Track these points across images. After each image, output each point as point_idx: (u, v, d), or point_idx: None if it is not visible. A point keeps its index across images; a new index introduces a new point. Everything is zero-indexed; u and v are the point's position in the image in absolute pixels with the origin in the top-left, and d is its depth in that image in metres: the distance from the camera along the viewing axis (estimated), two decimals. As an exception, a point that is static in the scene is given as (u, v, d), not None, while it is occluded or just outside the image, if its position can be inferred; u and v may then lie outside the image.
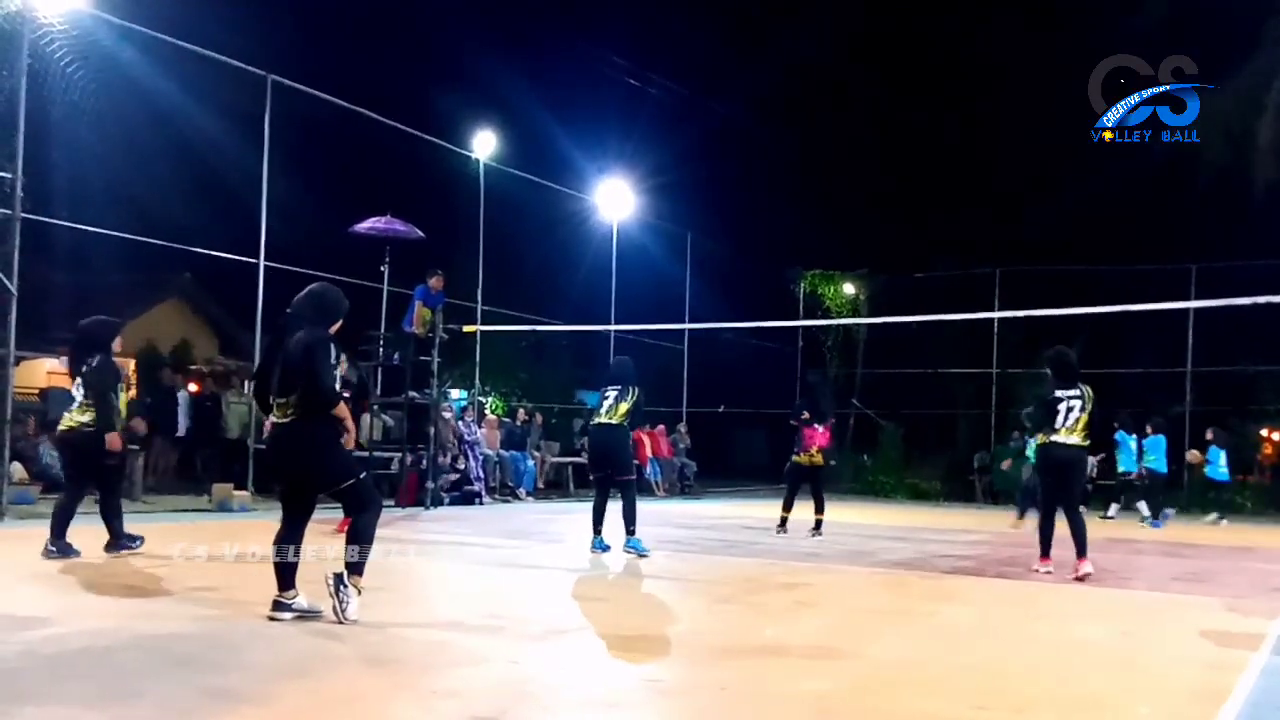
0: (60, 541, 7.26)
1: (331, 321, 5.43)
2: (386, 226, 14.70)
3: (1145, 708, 4.26)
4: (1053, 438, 8.20)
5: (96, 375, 7.37)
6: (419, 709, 3.84)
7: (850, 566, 8.98)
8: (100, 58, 11.73)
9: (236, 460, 13.33)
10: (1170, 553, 11.57)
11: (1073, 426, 8.12)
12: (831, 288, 26.56)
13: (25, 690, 3.80)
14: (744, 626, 5.91)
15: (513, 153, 18.35)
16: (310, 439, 5.23)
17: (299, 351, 5.18)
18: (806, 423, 11.39)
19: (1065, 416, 8.13)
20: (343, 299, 5.56)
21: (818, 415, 11.44)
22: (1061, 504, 8.40)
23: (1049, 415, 8.19)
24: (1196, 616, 6.82)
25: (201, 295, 24.59)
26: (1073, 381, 8.26)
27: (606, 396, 9.28)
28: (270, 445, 5.51)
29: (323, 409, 5.19)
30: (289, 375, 5.21)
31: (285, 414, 5.25)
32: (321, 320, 5.37)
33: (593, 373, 22.24)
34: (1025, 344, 22.18)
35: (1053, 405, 8.17)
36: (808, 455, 11.41)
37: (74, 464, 7.74)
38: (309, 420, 5.21)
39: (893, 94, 31.50)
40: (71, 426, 7.43)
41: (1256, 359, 21.69)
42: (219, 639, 4.85)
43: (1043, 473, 8.67)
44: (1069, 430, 8.13)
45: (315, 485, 5.39)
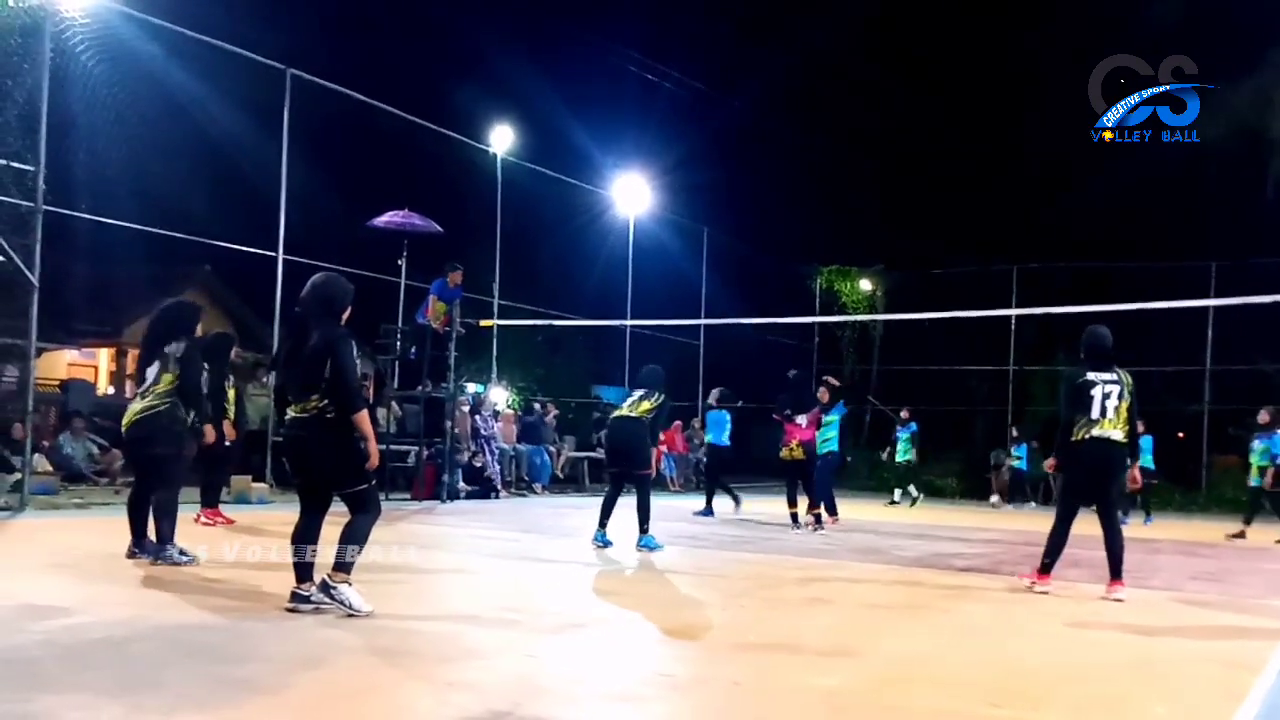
0: (143, 540, 6.98)
1: (341, 311, 5.43)
2: (404, 220, 14.76)
3: (1162, 707, 4.25)
4: (1093, 431, 7.03)
5: (187, 362, 6.90)
6: (433, 701, 3.86)
7: (864, 564, 8.97)
8: (121, 51, 11.81)
9: (255, 452, 13.40)
10: (1188, 552, 11.52)
11: (1114, 418, 7.05)
12: (848, 284, 26.53)
13: (45, 679, 3.84)
14: (757, 622, 5.91)
15: (530, 147, 18.41)
16: (329, 437, 5.24)
17: (321, 350, 5.18)
18: (788, 418, 11.64)
19: (1103, 404, 7.05)
20: (347, 286, 5.53)
21: (798, 409, 11.59)
22: (1100, 511, 7.24)
23: (1081, 402, 7.08)
24: (1214, 616, 6.80)
25: (221, 288, 24.74)
26: (1109, 366, 7.16)
27: (631, 395, 9.39)
28: (287, 441, 5.52)
29: (346, 410, 5.20)
30: (310, 374, 5.22)
31: (305, 410, 5.25)
32: (331, 312, 5.38)
33: (608, 368, 22.30)
34: (1042, 342, 22.13)
35: (1084, 389, 7.07)
36: (788, 450, 11.66)
37: (134, 457, 7.37)
38: (329, 418, 5.22)
39: (910, 90, 31.39)
40: (133, 419, 6.92)
41: (1276, 357, 21.51)
42: (236, 630, 4.88)
43: (1073, 470, 7.30)
44: (1112, 422, 7.04)
45: (329, 483, 5.41)
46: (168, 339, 6.97)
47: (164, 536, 6.80)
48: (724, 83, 31.90)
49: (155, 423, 6.84)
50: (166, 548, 6.77)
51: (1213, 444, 22.42)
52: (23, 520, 9.66)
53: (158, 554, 6.77)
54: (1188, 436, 23.14)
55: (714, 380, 17.30)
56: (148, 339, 7.10)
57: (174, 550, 6.77)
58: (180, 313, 7.30)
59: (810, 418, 11.74)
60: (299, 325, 5.40)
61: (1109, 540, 7.18)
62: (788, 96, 31.34)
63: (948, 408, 24.37)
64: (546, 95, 25.57)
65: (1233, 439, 20.23)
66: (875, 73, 30.98)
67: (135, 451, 7.27)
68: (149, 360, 6.98)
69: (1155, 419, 16.61)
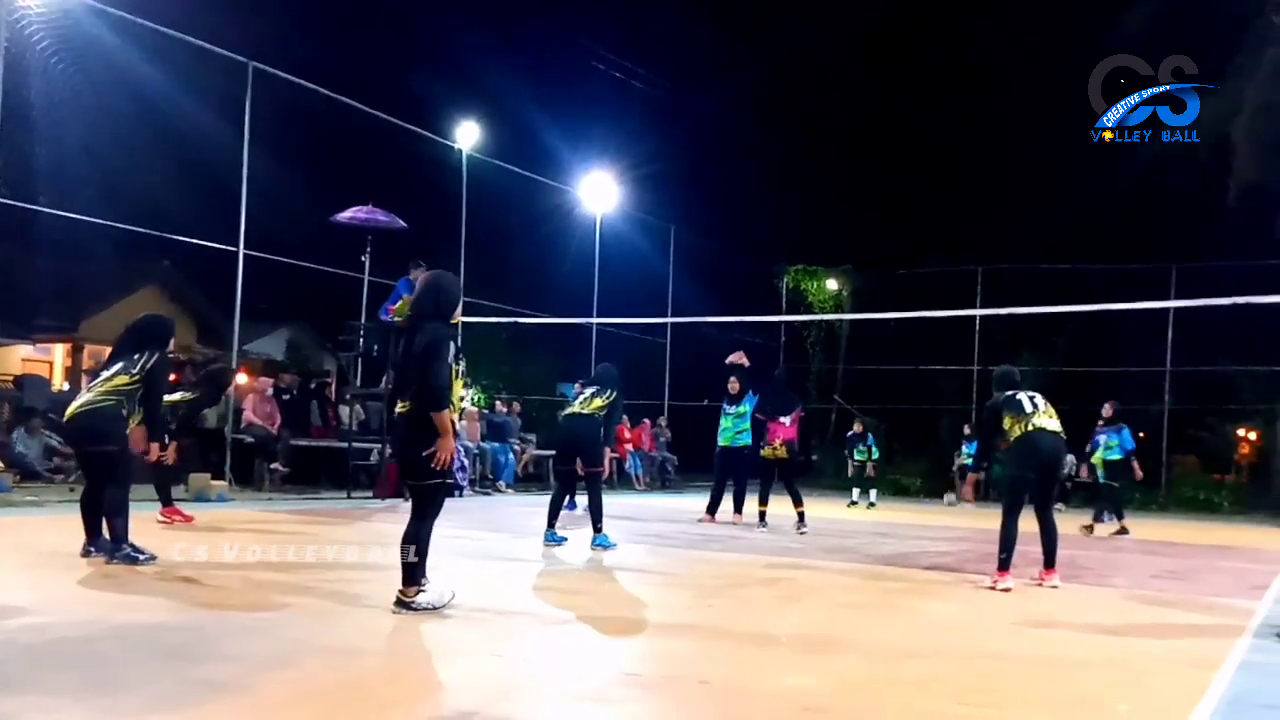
0: (98, 540, 6.87)
1: (449, 311, 5.57)
2: (368, 216, 14.61)
3: (1125, 704, 4.28)
4: (1033, 422, 7.34)
5: (156, 373, 7.03)
6: (401, 700, 3.81)
7: (832, 562, 8.99)
8: (80, 42, 11.62)
9: (214, 449, 13.24)
10: (1150, 550, 11.65)
11: (1045, 410, 7.45)
12: (815, 283, 26.63)
13: (6, 680, 3.74)
14: (726, 621, 5.89)
15: (496, 144, 18.32)
16: (418, 430, 5.32)
17: (420, 349, 5.33)
18: (770, 416, 11.66)
19: (1032, 402, 7.46)
20: (457, 286, 5.75)
21: (778, 409, 11.64)
22: (1037, 503, 7.58)
23: (1011, 407, 7.47)
24: (1176, 614, 6.88)
25: (180, 283, 24.44)
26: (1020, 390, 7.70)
27: (582, 393, 9.35)
28: (391, 436, 5.65)
29: (429, 407, 5.28)
30: (409, 372, 5.39)
31: (405, 406, 5.38)
32: (439, 312, 5.50)
33: (574, 365, 22.23)
34: (1007, 342, 22.33)
35: (1010, 400, 7.52)
36: (770, 449, 11.71)
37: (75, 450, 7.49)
38: (419, 413, 5.32)
39: (879, 90, 31.61)
40: (75, 412, 6.93)
41: (1235, 359, 21.85)
42: (201, 630, 4.80)
43: (1023, 466, 7.47)
44: (1045, 414, 7.42)
45: (407, 473, 5.51)
46: (139, 349, 7.03)
47: (118, 535, 6.70)
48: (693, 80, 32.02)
49: (94, 417, 6.82)
50: (122, 546, 6.67)
51: (1173, 444, 22.73)
52: (-24, 519, 9.47)
53: (113, 552, 6.67)
54: (1148, 437, 23.46)
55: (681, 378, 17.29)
56: (119, 347, 7.19)
57: (129, 548, 6.67)
58: (156, 326, 7.44)
59: (793, 416, 11.78)
60: (410, 326, 5.55)
61: (1045, 531, 7.56)
62: (756, 95, 31.45)
63: (913, 407, 24.55)
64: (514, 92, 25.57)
65: (1193, 439, 20.55)
66: (844, 72, 31.18)
67: (74, 444, 7.43)
68: (112, 364, 7.04)
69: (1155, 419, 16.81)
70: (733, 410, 12.44)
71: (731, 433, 12.43)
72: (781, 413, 11.70)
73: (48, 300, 21.02)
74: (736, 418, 12.44)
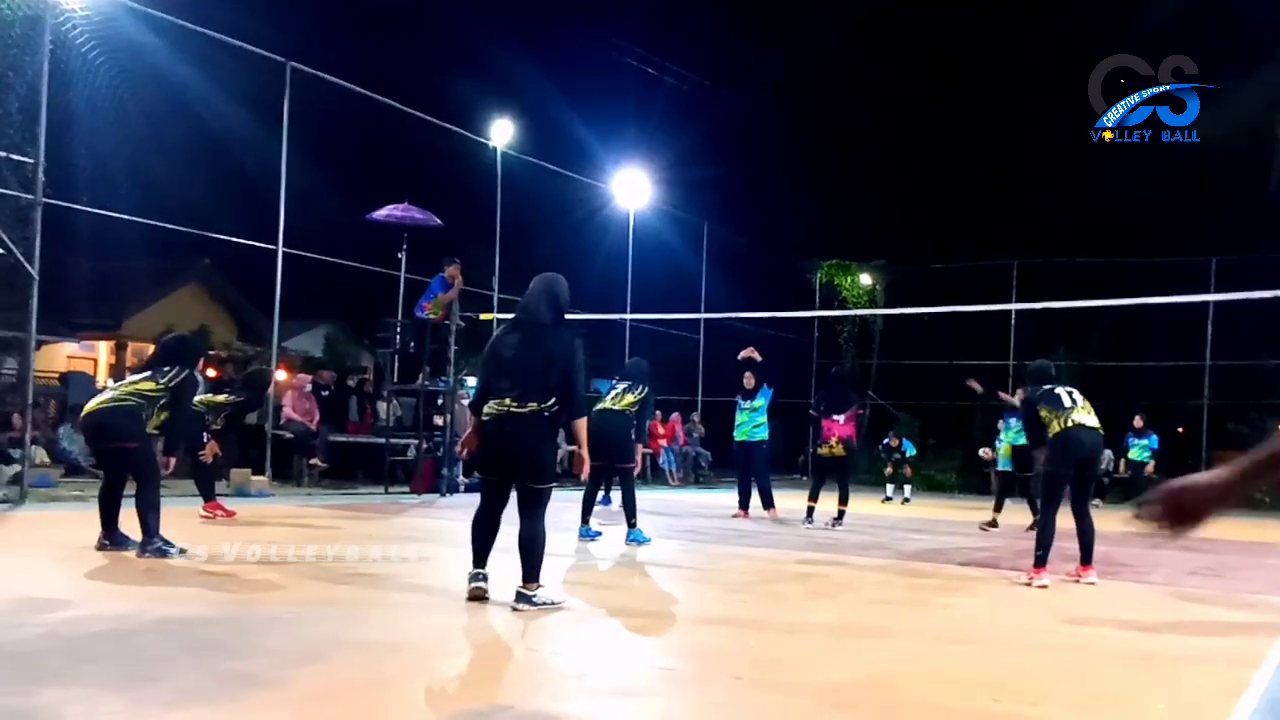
0: (114, 533, 7.05)
1: (566, 311, 5.64)
2: (404, 214, 14.75)
3: (1162, 704, 4.25)
4: (1073, 417, 7.28)
5: (182, 389, 7.22)
6: (433, 694, 3.86)
7: (865, 558, 8.96)
8: (121, 43, 11.79)
9: (254, 445, 13.41)
10: (1188, 547, 11.50)
11: (1084, 406, 7.37)
12: (848, 278, 26.47)
13: (47, 672, 3.83)
14: (758, 616, 5.91)
15: (530, 141, 18.38)
16: (541, 433, 5.40)
17: (560, 350, 5.38)
18: (824, 414, 11.56)
19: (1070, 398, 7.39)
20: (566, 286, 5.72)
21: (834, 407, 11.59)
22: (1074, 500, 7.41)
23: (1050, 402, 7.42)
24: (1215, 611, 6.79)
25: (220, 281, 24.78)
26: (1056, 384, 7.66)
27: (615, 388, 9.44)
28: (493, 436, 5.48)
29: (573, 415, 5.42)
30: (543, 374, 5.35)
31: (523, 407, 5.33)
32: (558, 311, 5.57)
33: (607, 361, 22.25)
34: (1042, 337, 22.10)
35: (1049, 394, 7.49)
36: (827, 446, 11.63)
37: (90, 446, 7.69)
38: (546, 416, 5.36)
39: (911, 85, 31.36)
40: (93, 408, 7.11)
41: (1277, 353, 21.50)
42: (237, 624, 4.88)
43: (1060, 462, 7.36)
44: (1084, 409, 7.35)
45: (523, 475, 5.51)
46: (169, 364, 7.28)
47: (150, 529, 6.85)
48: (725, 77, 31.91)
49: (110, 414, 6.98)
50: (154, 539, 6.82)
51: (1213, 439, 22.41)
52: (22, 513, 9.66)
53: (144, 546, 6.81)
54: (1187, 432, 23.15)
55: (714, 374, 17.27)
56: (152, 360, 7.58)
57: (159, 541, 6.82)
58: (185, 347, 7.72)
59: (849, 415, 11.74)
60: (517, 322, 5.59)
61: (1083, 528, 7.42)
62: (789, 91, 31.35)
63: (948, 402, 24.36)
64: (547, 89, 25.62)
65: (1232, 434, 20.22)
66: (876, 68, 30.99)
67: (89, 440, 7.57)
68: (141, 371, 7.41)
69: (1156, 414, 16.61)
70: (747, 405, 12.53)
71: (748, 427, 12.50)
72: (837, 410, 11.59)
73: (91, 299, 21.35)
74: (752, 412, 12.53)
